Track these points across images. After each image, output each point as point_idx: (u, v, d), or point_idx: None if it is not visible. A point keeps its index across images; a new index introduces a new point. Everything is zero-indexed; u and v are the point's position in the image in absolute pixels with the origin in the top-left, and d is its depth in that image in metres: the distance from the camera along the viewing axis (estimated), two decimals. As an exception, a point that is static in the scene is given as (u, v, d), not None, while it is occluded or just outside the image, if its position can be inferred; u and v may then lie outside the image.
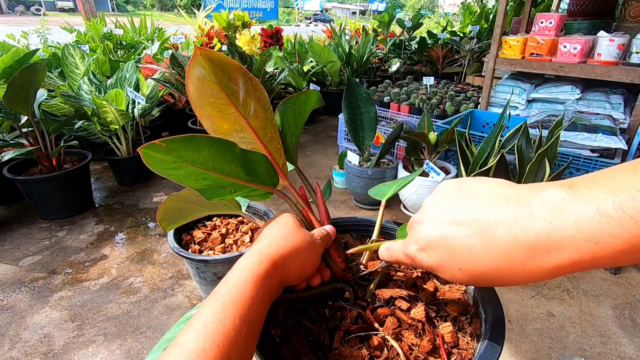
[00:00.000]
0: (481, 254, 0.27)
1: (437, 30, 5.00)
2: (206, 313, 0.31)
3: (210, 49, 0.38)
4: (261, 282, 0.35)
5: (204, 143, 0.37)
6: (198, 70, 0.39)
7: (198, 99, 0.40)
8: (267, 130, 0.44)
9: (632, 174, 0.22)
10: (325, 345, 0.41)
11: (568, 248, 0.23)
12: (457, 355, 0.39)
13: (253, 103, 0.42)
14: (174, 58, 2.11)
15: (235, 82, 0.40)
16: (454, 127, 1.63)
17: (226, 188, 0.42)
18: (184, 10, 4.75)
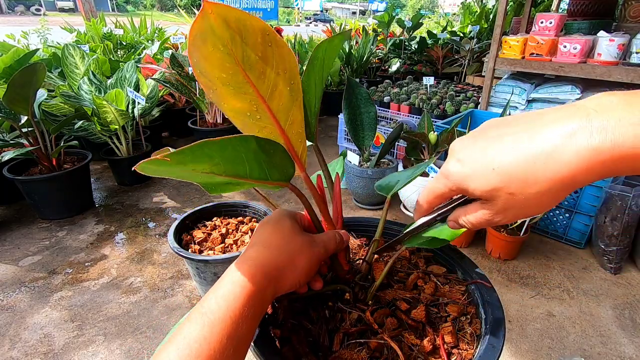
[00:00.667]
0: (519, 148, 0.27)
1: (437, 30, 5.00)
2: (191, 330, 0.29)
3: (225, 5, 0.29)
4: (253, 297, 0.32)
5: (216, 148, 0.30)
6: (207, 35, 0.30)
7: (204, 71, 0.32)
8: (290, 112, 0.37)
9: None
10: (325, 346, 0.41)
11: (611, 131, 0.23)
12: (457, 356, 0.39)
13: (276, 79, 0.34)
14: (174, 58, 2.11)
15: (257, 49, 0.31)
16: (454, 127, 1.63)
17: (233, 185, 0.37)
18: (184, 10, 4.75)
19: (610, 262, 1.43)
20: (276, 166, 0.36)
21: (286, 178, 0.39)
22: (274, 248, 0.37)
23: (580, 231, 1.55)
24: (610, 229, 1.39)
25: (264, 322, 0.43)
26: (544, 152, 0.26)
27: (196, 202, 1.94)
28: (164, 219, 1.80)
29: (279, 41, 0.32)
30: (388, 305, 0.45)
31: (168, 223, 1.76)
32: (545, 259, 1.52)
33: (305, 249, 0.38)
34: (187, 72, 2.17)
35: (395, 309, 0.45)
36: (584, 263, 1.50)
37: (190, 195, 2.03)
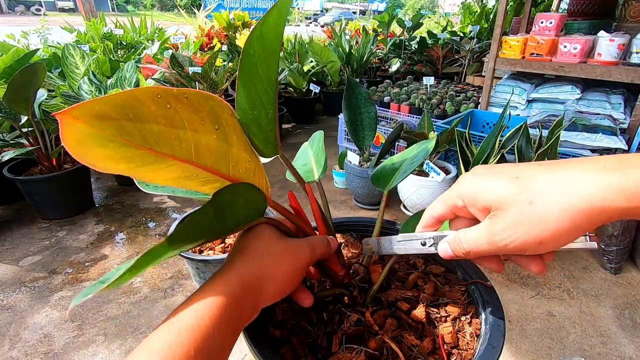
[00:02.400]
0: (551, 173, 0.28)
1: (437, 30, 4.99)
2: (158, 339, 0.28)
3: (89, 102, 0.24)
4: (228, 307, 0.30)
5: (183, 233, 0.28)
6: (87, 142, 0.25)
7: (112, 168, 0.28)
8: (229, 155, 0.32)
9: None
10: (324, 348, 0.41)
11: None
12: (457, 356, 0.39)
13: (195, 135, 0.29)
14: (174, 58, 2.11)
15: (156, 119, 0.27)
16: (454, 127, 1.63)
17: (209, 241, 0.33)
18: (184, 10, 4.75)
19: (611, 262, 1.43)
20: (243, 209, 0.33)
21: (259, 214, 0.36)
22: (253, 254, 0.34)
23: (580, 231, 1.55)
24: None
25: (264, 322, 0.43)
26: (576, 176, 0.26)
27: (196, 202, 1.94)
28: (164, 218, 1.80)
29: (179, 95, 0.28)
30: (388, 306, 0.45)
31: (168, 223, 1.76)
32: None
33: (288, 253, 0.36)
34: (187, 72, 2.17)
35: (395, 309, 0.45)
36: (584, 263, 1.50)
37: (190, 195, 2.02)
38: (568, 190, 0.26)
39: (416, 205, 1.76)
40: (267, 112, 0.35)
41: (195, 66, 2.19)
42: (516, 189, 0.28)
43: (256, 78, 0.33)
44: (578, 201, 0.26)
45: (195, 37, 3.55)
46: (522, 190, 0.27)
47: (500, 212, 0.29)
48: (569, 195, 0.26)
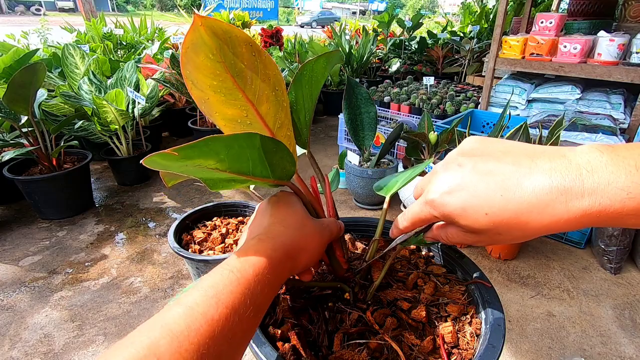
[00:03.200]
0: (513, 198, 0.27)
1: (437, 30, 5.00)
2: (218, 281, 0.29)
3: (213, 18, 0.31)
4: (274, 268, 0.33)
5: (223, 145, 0.31)
6: (198, 46, 0.31)
7: (196, 80, 0.34)
8: (278, 115, 0.38)
9: None
10: (325, 347, 0.41)
11: (601, 194, 0.25)
12: (457, 356, 0.39)
13: (262, 85, 0.36)
14: (174, 58, 2.11)
15: (243, 58, 0.33)
16: (454, 127, 1.63)
17: (235, 182, 0.38)
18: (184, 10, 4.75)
19: (610, 262, 1.43)
20: (278, 165, 0.36)
21: (287, 176, 0.39)
22: (293, 229, 0.37)
23: (580, 231, 1.55)
24: (610, 229, 1.39)
25: (264, 322, 0.43)
26: (536, 208, 0.27)
27: (196, 202, 1.94)
28: (164, 218, 1.80)
29: (262, 51, 0.34)
30: (388, 305, 0.45)
31: (168, 223, 1.76)
32: (545, 258, 1.52)
33: (317, 232, 0.39)
34: (187, 72, 2.16)
35: (395, 309, 0.45)
36: (584, 263, 1.50)
37: (190, 195, 2.03)
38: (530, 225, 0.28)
39: (416, 205, 1.76)
40: (305, 115, 0.44)
41: (195, 66, 2.18)
42: (486, 225, 0.29)
43: (305, 87, 0.42)
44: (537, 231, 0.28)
45: (195, 37, 3.54)
46: (491, 227, 0.29)
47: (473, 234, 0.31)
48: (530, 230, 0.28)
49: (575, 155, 0.26)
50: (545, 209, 0.26)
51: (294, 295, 0.47)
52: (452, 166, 0.32)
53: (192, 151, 0.29)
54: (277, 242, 0.35)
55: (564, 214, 0.26)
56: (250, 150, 0.33)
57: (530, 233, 0.28)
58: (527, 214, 0.27)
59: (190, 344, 0.24)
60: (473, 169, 0.30)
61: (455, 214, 0.30)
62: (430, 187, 0.33)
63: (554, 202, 0.26)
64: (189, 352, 0.24)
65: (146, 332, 0.25)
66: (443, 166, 0.33)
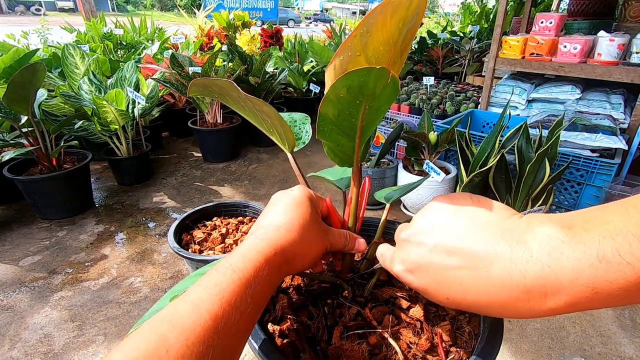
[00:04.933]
0: (471, 289, 0.28)
1: (437, 30, 5.00)
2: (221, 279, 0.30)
3: None
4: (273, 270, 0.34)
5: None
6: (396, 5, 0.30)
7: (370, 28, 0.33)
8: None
9: (625, 218, 0.23)
10: (324, 341, 0.41)
11: (565, 292, 0.24)
12: (455, 354, 0.39)
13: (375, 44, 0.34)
14: (174, 58, 2.11)
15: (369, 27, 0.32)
16: (454, 127, 1.63)
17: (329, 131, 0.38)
18: (184, 10, 4.76)
19: (610, 262, 1.43)
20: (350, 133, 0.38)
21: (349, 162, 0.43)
22: (296, 233, 0.37)
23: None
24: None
25: (263, 319, 0.44)
26: (495, 303, 0.27)
27: (196, 202, 1.94)
28: (164, 218, 1.80)
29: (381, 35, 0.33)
30: (386, 303, 0.45)
31: (168, 223, 1.76)
32: None
33: (319, 240, 0.40)
34: (187, 72, 2.17)
35: (393, 307, 0.45)
36: (583, 263, 1.50)
37: (190, 195, 2.03)
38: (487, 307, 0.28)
39: (416, 205, 1.76)
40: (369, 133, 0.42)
41: (195, 66, 2.19)
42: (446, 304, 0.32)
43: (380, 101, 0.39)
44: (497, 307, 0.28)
45: (195, 37, 3.55)
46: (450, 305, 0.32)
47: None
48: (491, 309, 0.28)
49: (535, 242, 0.25)
50: (505, 306, 0.26)
51: (293, 292, 0.47)
52: (416, 239, 0.32)
53: None
54: (278, 245, 0.35)
55: (527, 312, 0.26)
56: (348, 101, 0.33)
57: (499, 316, 0.29)
58: (487, 305, 0.27)
59: (197, 337, 0.26)
60: (434, 248, 0.30)
61: (419, 290, 0.33)
62: (398, 253, 0.34)
63: (516, 300, 0.26)
64: (195, 345, 0.25)
65: (155, 327, 0.26)
66: (411, 235, 0.33)
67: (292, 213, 0.39)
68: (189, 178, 2.23)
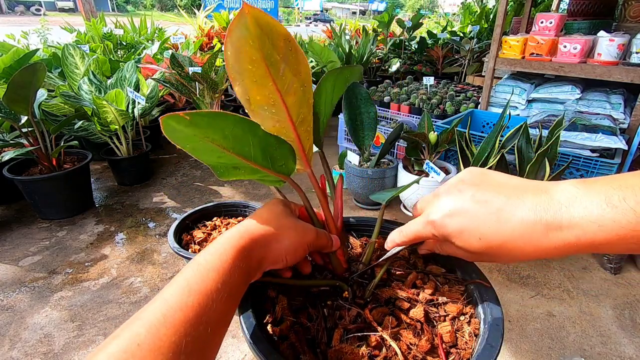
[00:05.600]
0: (503, 227, 0.32)
1: (437, 30, 4.99)
2: (189, 274, 0.33)
3: (259, 10, 0.34)
4: (242, 252, 0.36)
5: (229, 122, 0.34)
6: (242, 32, 0.34)
7: (235, 64, 0.37)
8: (302, 110, 0.41)
9: (633, 177, 0.28)
10: (324, 343, 0.41)
11: (576, 227, 0.29)
12: (456, 355, 0.39)
13: (292, 78, 0.38)
14: (174, 58, 2.11)
15: (279, 51, 0.36)
16: (454, 127, 1.63)
17: (240, 169, 0.41)
18: (184, 10, 4.76)
19: (610, 262, 1.43)
20: (278, 159, 0.40)
21: (287, 172, 0.42)
22: (263, 221, 0.41)
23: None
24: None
25: (263, 320, 0.44)
26: (521, 237, 0.31)
27: (196, 202, 1.94)
28: (164, 219, 1.80)
29: (298, 49, 0.37)
30: (386, 304, 0.45)
31: (168, 223, 1.76)
32: (545, 259, 1.52)
33: (293, 228, 0.42)
34: (187, 72, 2.17)
35: (394, 308, 0.45)
36: (584, 263, 1.50)
37: (190, 195, 2.03)
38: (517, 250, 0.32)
39: (416, 205, 1.76)
40: (323, 117, 0.47)
41: (195, 66, 2.19)
42: (479, 248, 0.34)
43: (326, 92, 0.46)
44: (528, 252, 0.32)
45: (195, 37, 3.55)
46: (483, 251, 0.34)
47: (467, 252, 0.36)
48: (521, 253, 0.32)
49: (556, 192, 0.31)
50: (530, 239, 0.31)
51: (293, 294, 0.47)
52: (454, 191, 0.36)
53: (202, 119, 0.33)
54: (243, 230, 0.39)
55: (545, 243, 0.30)
56: (252, 136, 0.36)
57: (517, 258, 0.33)
58: (513, 241, 0.32)
59: (167, 329, 0.28)
60: (472, 197, 0.34)
61: (453, 235, 0.35)
62: (432, 208, 0.37)
63: (537, 233, 0.30)
64: (167, 336, 0.28)
65: (128, 326, 0.28)
66: (445, 191, 0.37)
67: (264, 210, 0.43)
68: (189, 178, 2.22)
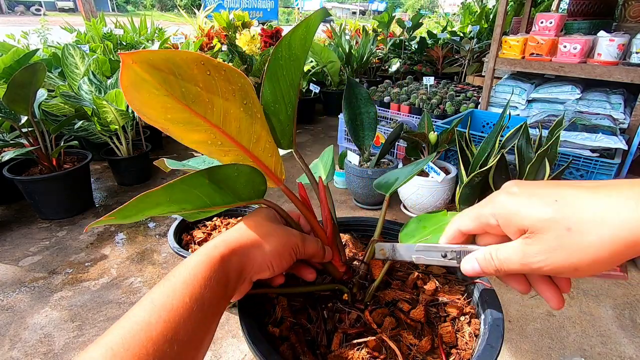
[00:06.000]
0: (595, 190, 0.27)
1: (437, 30, 5.00)
2: (156, 291, 0.31)
3: (146, 50, 0.29)
4: (216, 264, 0.34)
5: (162, 194, 0.32)
6: (138, 84, 0.29)
7: (152, 119, 0.31)
8: (253, 129, 0.35)
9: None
10: (324, 346, 0.41)
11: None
12: (456, 356, 0.39)
13: (226, 104, 0.32)
14: (174, 58, 2.11)
15: (196, 81, 0.30)
16: (454, 127, 1.63)
17: (207, 212, 0.38)
18: (184, 10, 4.76)
19: (610, 262, 1.43)
20: (242, 188, 0.37)
21: (257, 196, 0.39)
22: (243, 230, 0.39)
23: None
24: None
25: (263, 320, 0.43)
26: (619, 204, 0.25)
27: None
28: (163, 218, 1.80)
29: (218, 66, 0.31)
30: (387, 305, 0.45)
31: (168, 223, 1.76)
32: None
33: (276, 233, 0.39)
34: (187, 72, 2.17)
35: (394, 309, 0.45)
36: (584, 263, 1.50)
37: (190, 195, 2.03)
38: (609, 220, 0.25)
39: (416, 205, 1.76)
40: (287, 109, 0.39)
41: (195, 66, 2.18)
42: (554, 213, 0.27)
43: (281, 78, 0.37)
44: (619, 231, 0.25)
45: (195, 37, 3.55)
46: (560, 217, 0.27)
47: (536, 236, 0.28)
48: (609, 226, 0.25)
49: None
50: (627, 207, 0.25)
51: (293, 295, 0.47)
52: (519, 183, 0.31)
53: (129, 210, 0.31)
54: (219, 241, 0.37)
55: None
56: (199, 188, 0.33)
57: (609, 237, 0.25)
58: (606, 207, 0.26)
59: (126, 351, 0.27)
60: (568, 230, 0.27)
61: (519, 204, 0.29)
62: (528, 248, 0.29)
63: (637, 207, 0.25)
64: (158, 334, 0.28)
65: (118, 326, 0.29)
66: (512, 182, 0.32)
67: (246, 219, 0.41)
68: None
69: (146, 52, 0.28)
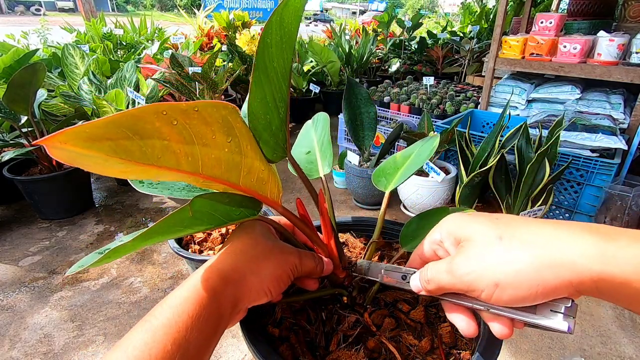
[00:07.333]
0: None
1: (437, 30, 4.99)
2: (133, 338, 0.28)
3: (78, 126, 0.22)
4: (206, 300, 0.30)
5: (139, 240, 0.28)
6: (77, 160, 0.23)
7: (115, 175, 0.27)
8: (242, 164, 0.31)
9: None
10: (322, 347, 0.41)
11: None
12: (456, 356, 0.39)
13: (204, 150, 0.27)
14: (174, 58, 2.11)
15: (159, 134, 0.24)
16: (454, 127, 1.63)
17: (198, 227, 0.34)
18: (184, 10, 4.76)
19: (610, 262, 1.43)
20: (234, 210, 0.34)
21: (251, 214, 0.37)
22: (238, 253, 0.35)
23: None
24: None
25: (263, 321, 0.43)
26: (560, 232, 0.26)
27: (196, 202, 1.94)
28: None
29: (187, 110, 0.25)
30: (387, 306, 0.45)
31: (168, 223, 1.76)
32: None
33: (273, 255, 0.36)
34: (187, 72, 2.17)
35: (393, 309, 0.45)
36: (583, 263, 1.50)
37: (190, 195, 2.02)
38: (544, 242, 0.25)
39: (416, 205, 1.76)
40: (279, 113, 0.34)
41: (195, 66, 2.19)
42: (491, 225, 0.28)
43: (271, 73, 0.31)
44: (550, 252, 0.25)
45: (195, 37, 3.55)
46: (495, 227, 0.27)
47: (468, 243, 0.29)
48: (543, 247, 0.25)
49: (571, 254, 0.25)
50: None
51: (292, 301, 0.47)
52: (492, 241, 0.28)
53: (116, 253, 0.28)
54: (209, 270, 0.33)
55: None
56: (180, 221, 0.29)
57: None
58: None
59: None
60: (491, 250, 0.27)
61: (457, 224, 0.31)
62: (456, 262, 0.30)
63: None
64: None
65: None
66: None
67: (238, 238, 0.37)
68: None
69: (79, 128, 0.22)
